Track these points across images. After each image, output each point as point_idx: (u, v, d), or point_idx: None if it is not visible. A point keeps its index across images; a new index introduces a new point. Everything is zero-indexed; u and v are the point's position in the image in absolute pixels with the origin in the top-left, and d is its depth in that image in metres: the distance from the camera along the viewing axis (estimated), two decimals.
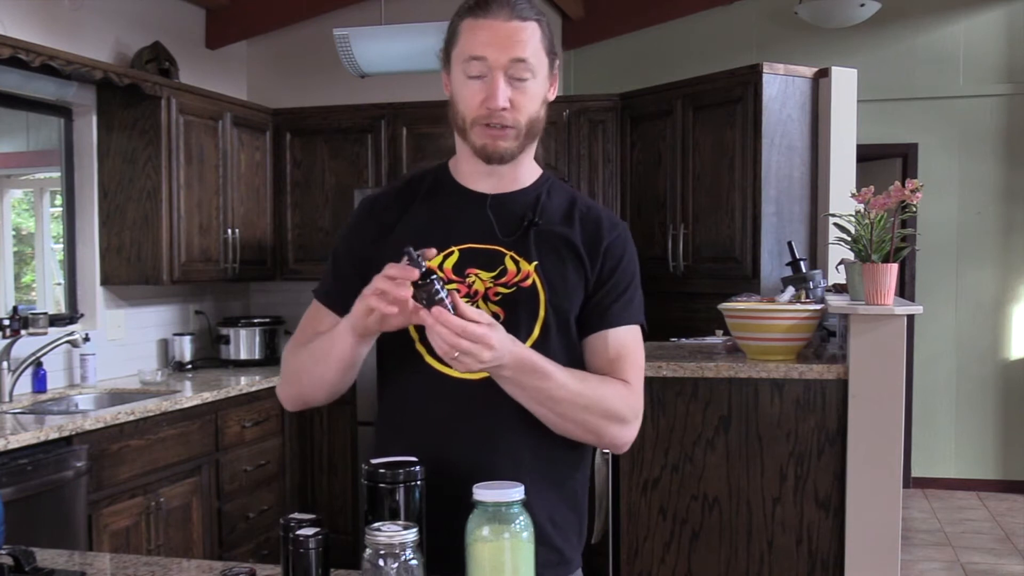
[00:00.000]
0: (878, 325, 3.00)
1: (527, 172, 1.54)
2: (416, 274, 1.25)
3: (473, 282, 1.45)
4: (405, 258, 1.27)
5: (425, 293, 1.25)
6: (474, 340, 1.26)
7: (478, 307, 1.41)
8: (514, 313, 1.44)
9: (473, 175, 1.52)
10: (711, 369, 3.16)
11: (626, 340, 1.49)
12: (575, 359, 1.47)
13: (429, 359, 1.44)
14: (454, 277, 1.45)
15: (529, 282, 1.45)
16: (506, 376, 1.35)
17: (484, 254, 1.47)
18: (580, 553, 1.54)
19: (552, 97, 1.50)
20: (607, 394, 1.44)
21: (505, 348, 1.31)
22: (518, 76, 1.41)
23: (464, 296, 1.42)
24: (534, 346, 1.41)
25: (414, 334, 1.45)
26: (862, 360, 3.03)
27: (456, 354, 1.26)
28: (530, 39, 1.41)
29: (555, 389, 1.38)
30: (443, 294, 1.26)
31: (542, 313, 1.45)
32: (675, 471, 3.21)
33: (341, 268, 1.54)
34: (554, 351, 1.43)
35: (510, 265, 1.46)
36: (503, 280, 1.45)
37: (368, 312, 1.32)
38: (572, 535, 1.51)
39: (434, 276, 1.26)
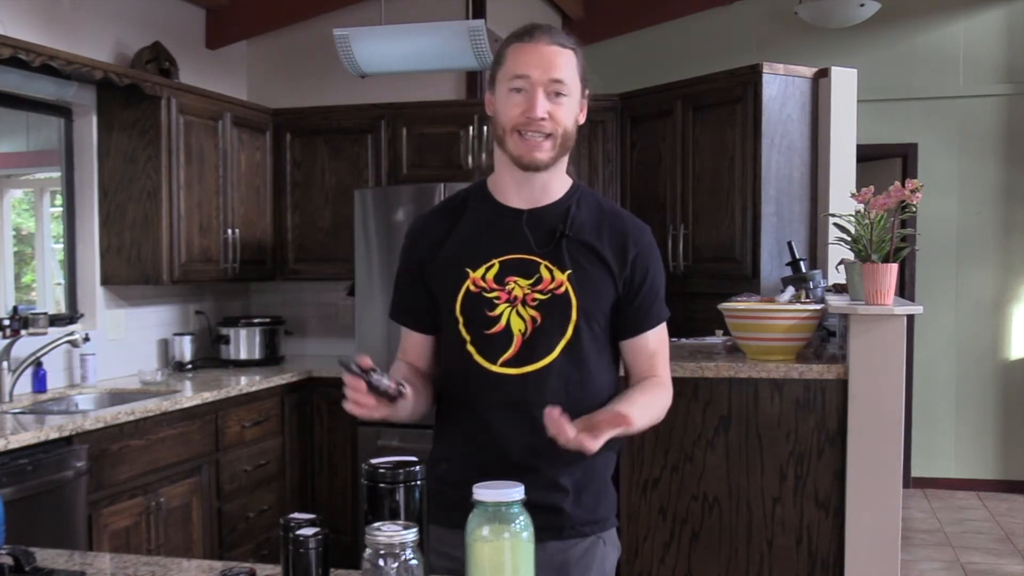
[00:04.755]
0: (878, 325, 3.00)
1: (559, 185, 1.72)
2: (363, 384, 1.47)
3: (512, 288, 1.66)
4: (343, 369, 1.48)
5: (372, 388, 1.48)
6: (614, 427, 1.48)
7: (517, 312, 1.65)
8: (550, 316, 1.65)
9: (509, 189, 1.71)
10: (711, 369, 3.16)
11: (660, 336, 1.76)
12: (602, 354, 1.70)
13: (478, 358, 1.66)
14: (495, 286, 1.66)
15: (562, 289, 1.65)
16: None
17: (521, 264, 1.67)
18: (614, 512, 1.77)
19: (582, 121, 1.70)
20: (658, 400, 1.71)
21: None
22: (555, 93, 1.62)
23: (505, 302, 1.65)
24: (567, 345, 1.65)
25: (466, 335, 1.67)
26: (862, 360, 3.03)
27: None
28: (567, 64, 1.64)
29: (635, 424, 1.57)
30: (385, 381, 1.49)
31: (574, 316, 1.65)
32: (675, 471, 3.21)
33: (403, 287, 1.78)
34: (585, 349, 1.66)
35: (545, 274, 1.66)
36: (539, 287, 1.66)
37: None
38: (605, 496, 1.74)
39: (371, 372, 1.48)
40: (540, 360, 1.64)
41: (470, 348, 1.66)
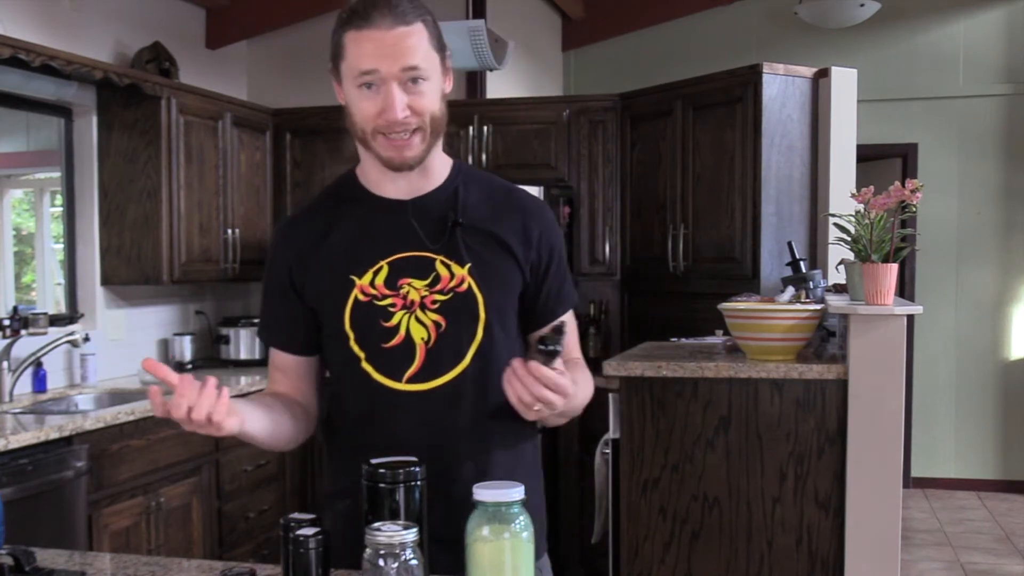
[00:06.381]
0: (878, 325, 3.00)
1: (438, 168, 1.52)
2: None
3: (408, 292, 1.45)
4: (551, 340, 1.28)
5: (546, 359, 1.29)
6: (556, 391, 1.27)
7: (416, 318, 1.45)
8: (455, 320, 1.45)
9: (383, 182, 1.50)
10: (711, 369, 3.16)
11: (570, 322, 1.56)
12: (513, 350, 1.49)
13: (377, 376, 1.46)
14: (387, 291, 1.45)
15: (465, 286, 1.46)
16: (558, 412, 1.35)
17: (414, 263, 1.46)
18: (545, 537, 1.58)
19: (449, 89, 1.47)
20: (587, 380, 1.54)
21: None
22: (412, 80, 1.38)
23: (401, 308, 1.45)
24: (479, 348, 1.46)
25: (359, 352, 1.47)
26: (862, 360, 3.03)
27: (537, 406, 1.27)
28: (418, 43, 1.38)
29: (572, 400, 1.39)
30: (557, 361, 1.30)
31: (483, 316, 1.46)
32: (675, 471, 3.21)
33: (271, 303, 1.57)
34: (497, 349, 1.47)
35: (442, 271, 1.46)
36: (438, 287, 1.45)
37: None
38: (537, 522, 1.54)
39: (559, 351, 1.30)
40: (449, 371, 1.45)
41: (366, 366, 1.46)
